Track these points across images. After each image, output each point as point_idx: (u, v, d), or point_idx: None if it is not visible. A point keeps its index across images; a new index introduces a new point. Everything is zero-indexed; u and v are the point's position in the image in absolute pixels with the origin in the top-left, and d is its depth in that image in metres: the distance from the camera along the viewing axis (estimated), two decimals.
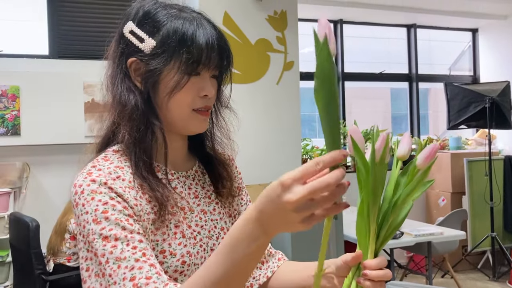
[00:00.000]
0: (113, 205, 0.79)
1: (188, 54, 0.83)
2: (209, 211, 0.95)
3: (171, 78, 0.84)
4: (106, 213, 0.78)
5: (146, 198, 0.84)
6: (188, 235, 0.88)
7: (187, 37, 0.84)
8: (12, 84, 3.53)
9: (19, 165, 3.50)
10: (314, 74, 0.62)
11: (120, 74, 0.88)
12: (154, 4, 0.89)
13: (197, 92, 0.87)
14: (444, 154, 4.85)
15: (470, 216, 4.53)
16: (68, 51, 3.87)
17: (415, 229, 3.26)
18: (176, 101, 0.86)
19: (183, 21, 0.85)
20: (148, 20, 0.87)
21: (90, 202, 0.78)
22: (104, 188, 0.80)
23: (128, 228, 0.77)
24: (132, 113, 0.86)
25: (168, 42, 0.84)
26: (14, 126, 3.53)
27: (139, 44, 0.86)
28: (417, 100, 5.55)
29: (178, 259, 0.85)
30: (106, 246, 0.75)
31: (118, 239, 0.76)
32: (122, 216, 0.78)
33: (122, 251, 0.75)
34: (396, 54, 5.70)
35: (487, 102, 4.28)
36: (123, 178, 0.83)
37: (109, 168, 0.84)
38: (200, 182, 0.97)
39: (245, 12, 3.68)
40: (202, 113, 0.88)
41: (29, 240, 2.69)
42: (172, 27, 0.85)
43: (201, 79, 0.87)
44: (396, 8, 5.05)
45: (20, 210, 3.42)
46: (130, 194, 0.82)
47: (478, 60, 5.87)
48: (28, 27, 3.99)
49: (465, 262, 4.63)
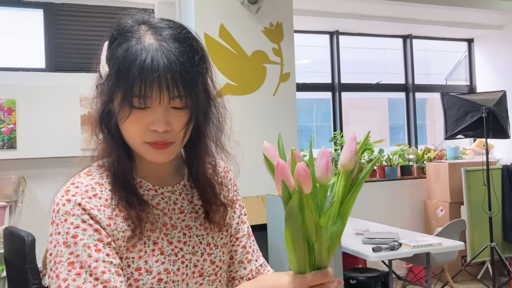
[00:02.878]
0: (84, 229, 0.80)
1: (124, 86, 0.79)
2: (195, 227, 0.93)
3: (116, 106, 0.82)
4: (75, 237, 0.79)
5: (123, 215, 0.84)
6: (168, 251, 0.87)
7: (124, 67, 0.79)
8: (8, 97, 3.52)
9: (15, 179, 3.48)
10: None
11: (95, 94, 0.90)
12: (127, 23, 0.85)
13: (147, 125, 0.82)
14: (442, 164, 4.85)
15: (468, 226, 4.51)
16: (64, 64, 3.87)
17: (414, 239, 3.24)
18: (125, 131, 0.84)
19: (133, 46, 0.80)
20: (114, 42, 0.84)
21: (63, 223, 0.80)
22: (78, 209, 0.81)
23: (94, 256, 0.79)
24: (102, 132, 0.88)
25: (112, 71, 0.82)
26: (10, 139, 3.52)
27: (99, 68, 0.86)
28: (414, 110, 5.57)
29: (154, 276, 0.84)
30: (70, 272, 0.77)
31: (83, 267, 0.78)
32: (91, 242, 0.79)
33: (84, 281, 0.77)
34: (392, 64, 5.73)
35: (484, 112, 4.29)
36: (99, 196, 0.84)
37: (88, 185, 0.84)
38: (187, 197, 0.95)
39: (241, 24, 3.69)
40: (155, 146, 0.83)
41: (24, 255, 2.66)
42: (120, 53, 0.81)
43: (151, 112, 0.81)
44: (392, 19, 5.08)
45: (15, 224, 3.39)
46: (104, 214, 0.82)
47: (474, 70, 5.90)
48: (24, 41, 4.00)
49: (465, 273, 4.61)
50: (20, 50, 3.95)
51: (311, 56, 5.41)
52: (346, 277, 3.60)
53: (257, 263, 1.03)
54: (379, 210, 4.80)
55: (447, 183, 4.75)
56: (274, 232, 3.19)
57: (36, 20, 3.86)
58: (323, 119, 5.50)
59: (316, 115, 5.60)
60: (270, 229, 3.26)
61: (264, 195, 3.34)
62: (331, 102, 5.26)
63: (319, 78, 5.27)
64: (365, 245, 3.17)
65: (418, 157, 5.24)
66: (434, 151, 5.28)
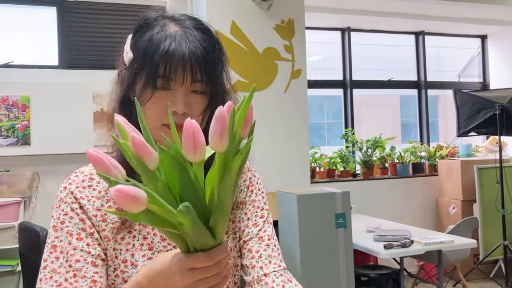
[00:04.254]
0: (71, 217, 0.86)
1: (149, 67, 0.84)
2: None
3: (140, 89, 0.86)
4: (63, 223, 0.85)
5: (117, 207, 0.87)
6: (158, 247, 0.88)
7: (150, 50, 0.84)
8: (22, 94, 3.57)
9: (29, 175, 3.53)
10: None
11: (115, 82, 0.94)
12: (152, 15, 0.90)
13: (167, 107, 0.84)
14: (454, 162, 4.81)
15: (481, 224, 4.48)
16: (78, 61, 3.91)
17: (425, 237, 3.22)
18: (146, 112, 0.86)
19: (158, 33, 0.85)
20: (138, 32, 0.90)
21: (57, 209, 0.88)
22: (70, 197, 0.87)
23: (73, 244, 0.84)
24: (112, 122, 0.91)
25: (138, 54, 0.87)
26: (24, 135, 3.56)
27: (124, 56, 0.90)
28: (426, 107, 5.53)
29: (138, 270, 0.84)
30: (51, 254, 0.84)
31: (62, 252, 0.84)
32: (75, 230, 0.85)
33: (60, 265, 0.83)
34: (404, 61, 5.69)
35: (497, 109, 4.25)
36: (94, 188, 0.89)
37: (87, 175, 0.90)
38: None
39: (253, 21, 3.69)
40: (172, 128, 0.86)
41: (39, 249, 2.70)
42: (146, 39, 0.86)
43: (172, 94, 0.85)
44: (404, 16, 5.04)
45: (30, 219, 3.44)
46: (93, 205, 0.87)
47: (487, 67, 5.83)
48: (38, 38, 4.04)
49: (477, 271, 4.57)
50: (34, 48, 4.00)
51: (323, 53, 5.39)
52: (357, 274, 3.60)
53: (261, 271, 0.93)
54: (391, 207, 4.78)
55: (459, 180, 4.71)
56: (285, 229, 3.20)
57: (50, 17, 3.90)
58: (335, 116, 5.48)
59: (328, 112, 5.59)
60: (281, 225, 3.27)
61: (275, 192, 3.35)
62: (343, 99, 5.24)
63: (331, 75, 5.26)
64: (376, 242, 3.17)
65: (430, 155, 5.20)
66: (446, 149, 5.24)
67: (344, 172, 4.80)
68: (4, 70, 3.70)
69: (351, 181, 4.74)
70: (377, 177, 4.89)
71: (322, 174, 4.70)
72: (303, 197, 2.98)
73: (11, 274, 3.29)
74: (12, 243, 3.22)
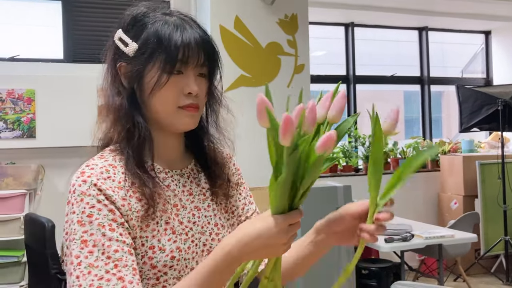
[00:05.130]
0: (99, 208, 0.83)
1: (165, 53, 0.89)
2: (203, 208, 0.98)
3: (152, 76, 0.90)
4: (91, 216, 0.83)
5: (137, 196, 0.88)
6: (179, 231, 0.92)
7: (164, 38, 0.89)
8: (28, 87, 3.60)
9: (34, 167, 3.57)
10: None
11: (110, 78, 0.96)
12: (142, 10, 0.96)
13: (181, 90, 0.91)
14: (456, 157, 4.83)
15: (482, 219, 4.50)
16: (82, 55, 3.94)
17: (426, 231, 3.25)
18: (159, 99, 0.90)
19: (163, 24, 0.91)
20: (134, 26, 0.94)
21: (79, 203, 0.84)
22: (93, 190, 0.84)
23: (108, 235, 0.82)
24: (118, 113, 0.93)
25: (147, 44, 0.90)
26: (30, 128, 3.60)
27: (124, 48, 0.93)
28: (429, 102, 5.53)
29: (167, 254, 0.88)
30: (83, 250, 0.81)
31: (96, 245, 0.81)
32: (106, 221, 0.83)
33: (96, 259, 0.80)
34: (407, 57, 5.69)
35: (500, 105, 4.26)
36: (113, 179, 0.88)
37: (102, 167, 0.89)
38: (195, 180, 1.00)
39: (256, 15, 3.71)
40: (189, 109, 0.92)
41: (44, 241, 2.74)
42: (152, 30, 0.91)
43: (184, 77, 0.91)
44: (407, 11, 5.04)
45: (35, 211, 3.48)
46: (118, 195, 0.86)
47: (491, 63, 5.83)
48: (43, 32, 4.07)
49: (478, 266, 4.60)
50: (40, 42, 4.03)
51: (326, 48, 5.40)
52: (358, 267, 3.63)
53: None
54: None
55: (461, 176, 4.73)
56: None
57: (55, 11, 3.92)
58: None
59: None
60: None
61: None
62: (346, 94, 5.24)
63: (334, 70, 5.27)
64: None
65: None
66: (449, 144, 5.26)
67: (346, 167, 4.82)
68: (9, 63, 3.73)
69: (353, 175, 4.76)
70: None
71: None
72: None
73: (17, 265, 3.34)
74: (18, 234, 3.27)
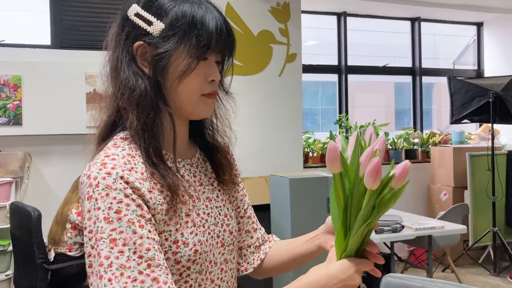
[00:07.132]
0: (127, 203, 0.76)
1: (198, 37, 0.83)
2: (213, 198, 0.95)
3: (180, 62, 0.83)
4: (119, 212, 0.75)
5: (158, 188, 0.82)
6: (197, 223, 0.87)
7: (197, 20, 0.83)
8: (14, 73, 3.53)
9: (21, 155, 3.50)
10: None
11: (126, 58, 0.85)
12: None
13: (205, 77, 0.86)
14: (446, 149, 4.84)
15: (472, 211, 4.52)
16: (70, 41, 3.86)
17: (416, 222, 3.25)
18: (185, 86, 0.85)
19: (191, 5, 0.84)
20: (155, 3, 0.85)
21: (104, 198, 0.75)
22: (120, 183, 0.77)
23: (138, 233, 0.75)
24: (141, 98, 0.83)
25: (177, 25, 0.83)
26: (16, 116, 3.53)
27: (147, 27, 0.84)
28: (420, 94, 5.53)
29: (191, 248, 0.84)
30: (113, 250, 0.74)
31: (126, 244, 0.74)
32: (135, 217, 0.76)
33: (128, 259, 0.74)
34: (400, 47, 5.67)
35: (491, 97, 4.26)
36: (135, 170, 0.80)
37: (124, 157, 0.81)
38: (202, 170, 0.96)
39: (248, 3, 3.66)
40: (211, 97, 0.89)
41: (31, 230, 2.70)
42: (181, 10, 0.83)
43: (208, 64, 0.87)
44: (400, 1, 5.01)
45: (21, 200, 3.43)
46: (145, 187, 0.79)
47: (482, 54, 5.83)
48: (30, 17, 3.98)
49: (466, 257, 4.63)
50: (26, 27, 3.94)
51: (318, 38, 5.36)
52: None
53: (261, 231, 1.10)
54: None
55: (451, 167, 4.74)
56: (277, 212, 3.21)
57: None
58: (329, 102, 5.48)
59: (322, 97, 5.58)
60: (273, 209, 3.28)
61: (267, 176, 3.35)
62: (337, 84, 5.23)
63: (326, 60, 5.24)
64: None
65: (423, 141, 5.22)
66: (439, 136, 5.27)
67: None
68: None
69: None
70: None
71: (315, 159, 4.71)
72: (296, 181, 2.99)
73: (3, 254, 3.29)
74: (4, 223, 3.22)
